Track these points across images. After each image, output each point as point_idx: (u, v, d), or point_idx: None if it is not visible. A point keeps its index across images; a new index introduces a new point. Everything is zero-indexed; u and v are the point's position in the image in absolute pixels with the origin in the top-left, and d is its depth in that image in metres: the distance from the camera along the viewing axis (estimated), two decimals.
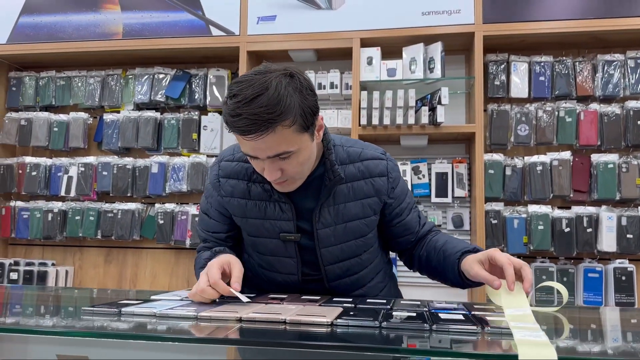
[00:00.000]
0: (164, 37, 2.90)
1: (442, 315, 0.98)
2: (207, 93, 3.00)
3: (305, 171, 1.23)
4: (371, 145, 1.39)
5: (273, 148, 1.11)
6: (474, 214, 2.62)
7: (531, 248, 2.61)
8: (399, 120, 2.58)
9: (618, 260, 2.57)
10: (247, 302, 1.10)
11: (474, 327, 0.87)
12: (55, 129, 3.13)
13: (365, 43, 2.71)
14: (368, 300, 1.17)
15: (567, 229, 2.59)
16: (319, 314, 0.94)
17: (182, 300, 1.16)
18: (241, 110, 1.06)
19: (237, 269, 1.16)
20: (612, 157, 2.60)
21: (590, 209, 2.61)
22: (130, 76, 3.12)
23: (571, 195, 2.63)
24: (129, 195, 3.04)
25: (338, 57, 2.87)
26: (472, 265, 1.17)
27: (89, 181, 3.06)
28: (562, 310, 1.21)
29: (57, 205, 3.08)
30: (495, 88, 2.73)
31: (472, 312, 1.03)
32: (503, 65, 2.74)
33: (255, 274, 1.42)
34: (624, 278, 2.55)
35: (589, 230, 2.59)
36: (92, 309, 1.03)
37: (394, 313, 1.00)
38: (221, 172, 1.34)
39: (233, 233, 1.39)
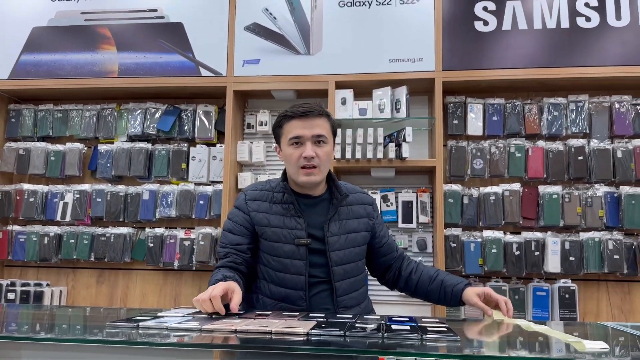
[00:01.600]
0: (157, 77, 3.18)
1: (394, 326, 1.27)
2: (196, 127, 3.28)
3: (325, 168, 1.71)
4: None
5: (318, 129, 1.66)
6: (436, 238, 2.94)
7: (486, 269, 2.93)
8: (370, 154, 2.90)
9: (562, 280, 2.91)
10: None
11: (417, 335, 1.17)
12: (52, 158, 3.36)
13: (340, 85, 3.03)
14: (338, 316, 1.46)
15: (518, 252, 2.93)
16: (297, 326, 1.23)
17: (184, 316, 1.43)
18: (301, 105, 1.69)
19: (237, 296, 1.45)
20: (557, 189, 2.96)
21: (538, 234, 2.95)
22: (124, 110, 3.38)
23: (521, 222, 2.97)
24: (121, 220, 3.28)
25: (315, 95, 3.19)
26: (472, 296, 1.68)
27: (84, 207, 3.29)
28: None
29: (53, 230, 3.30)
30: (454, 126, 3.08)
31: (418, 324, 1.33)
32: (461, 106, 3.09)
33: (269, 279, 1.73)
34: (567, 296, 2.89)
35: (537, 253, 2.92)
36: (115, 323, 1.30)
37: (356, 325, 1.29)
38: (248, 196, 1.77)
39: (252, 246, 1.74)
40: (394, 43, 3.02)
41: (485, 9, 2.99)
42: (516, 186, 2.99)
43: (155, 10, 3.24)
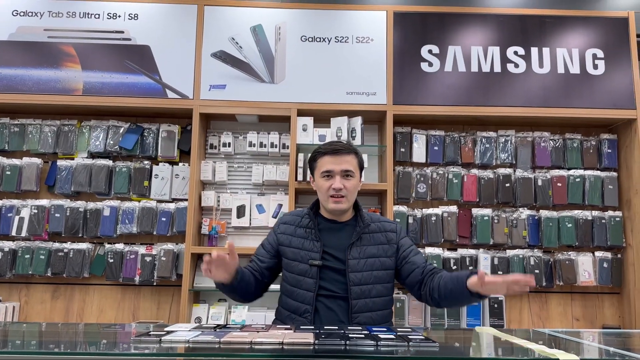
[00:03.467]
0: (123, 96, 3.27)
1: (382, 335, 1.54)
2: (159, 145, 3.40)
3: (352, 198, 1.99)
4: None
5: (346, 164, 1.96)
6: None
7: None
8: None
9: None
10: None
11: (403, 342, 1.44)
12: (8, 172, 3.34)
13: (301, 113, 3.29)
14: (326, 328, 1.71)
15: (455, 267, 3.31)
16: (302, 338, 1.46)
17: (191, 331, 1.61)
18: (333, 143, 2.04)
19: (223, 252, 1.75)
20: (487, 211, 3.38)
21: (472, 251, 3.35)
22: (85, 127, 3.43)
23: (457, 240, 3.37)
24: (80, 235, 3.32)
25: (277, 121, 3.43)
26: (472, 283, 1.74)
27: (42, 222, 3.30)
28: (457, 332, 1.82)
29: (7, 244, 3.28)
30: (401, 154, 3.43)
31: (398, 333, 1.60)
32: (407, 136, 3.45)
33: (285, 292, 2.04)
34: (496, 306, 3.30)
35: (471, 267, 3.33)
36: (139, 338, 1.47)
37: (349, 335, 1.55)
38: (281, 220, 2.12)
39: (269, 265, 2.03)
40: (351, 77, 3.33)
41: (430, 51, 3.38)
42: (453, 208, 3.38)
43: (122, 32, 3.34)
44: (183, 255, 3.22)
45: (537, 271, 3.32)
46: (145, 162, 3.41)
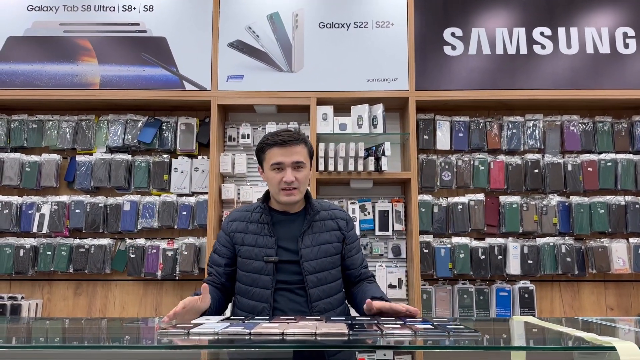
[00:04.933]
0: (141, 89, 3.23)
1: (419, 325, 1.46)
2: (177, 138, 3.35)
3: (303, 189, 1.88)
4: None
5: (297, 156, 1.82)
6: (410, 245, 3.17)
7: (455, 272, 3.20)
8: (351, 167, 3.10)
9: (522, 281, 3.22)
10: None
11: (442, 332, 1.36)
12: (28, 169, 3.32)
13: (321, 102, 3.22)
14: (358, 318, 1.63)
15: (483, 256, 3.21)
16: (336, 328, 1.39)
17: (219, 322, 1.55)
18: (281, 133, 1.85)
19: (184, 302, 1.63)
20: (516, 199, 3.27)
21: (500, 240, 3.25)
22: (103, 121, 3.40)
23: (485, 229, 3.26)
24: (100, 231, 3.29)
25: (296, 111, 3.35)
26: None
27: (62, 218, 3.28)
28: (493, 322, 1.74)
29: (28, 242, 3.26)
30: (424, 141, 3.33)
31: (435, 323, 1.52)
32: (430, 123, 3.36)
33: (239, 293, 1.92)
34: (526, 296, 3.20)
35: (499, 257, 3.22)
36: (167, 331, 1.40)
37: (384, 325, 1.47)
38: (230, 217, 1.96)
39: (229, 270, 1.92)
40: (371, 63, 3.24)
41: (453, 34, 3.27)
42: (480, 196, 3.28)
43: (138, 24, 3.29)
44: (205, 249, 3.17)
45: (568, 259, 3.21)
46: (164, 155, 3.36)
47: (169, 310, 3.19)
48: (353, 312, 2.03)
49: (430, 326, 1.45)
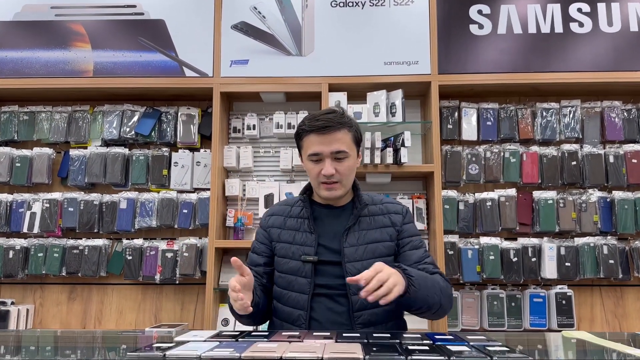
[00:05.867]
0: (137, 77, 2.96)
1: (452, 348, 1.15)
2: (178, 130, 3.08)
3: (348, 182, 1.63)
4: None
5: (337, 144, 1.57)
6: (433, 246, 2.85)
7: (484, 276, 2.87)
8: (367, 159, 2.79)
9: (559, 286, 2.88)
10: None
11: (487, 357, 1.05)
12: (18, 164, 3.08)
13: (333, 88, 2.92)
14: (375, 335, 1.33)
15: (515, 259, 2.88)
16: (348, 352, 1.09)
17: (207, 341, 1.26)
18: (319, 117, 1.59)
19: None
20: (551, 194, 2.93)
21: (534, 240, 2.91)
22: (98, 112, 3.14)
23: (517, 228, 2.93)
24: (95, 231, 3.04)
25: (306, 99, 3.06)
26: None
27: (54, 217, 3.03)
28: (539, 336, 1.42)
29: (19, 242, 3.02)
30: (448, 131, 3.01)
31: (471, 343, 1.21)
32: (455, 111, 3.04)
33: (276, 298, 1.69)
34: (564, 302, 2.86)
35: (534, 259, 2.89)
36: (137, 354, 1.12)
37: (409, 347, 1.16)
38: (268, 212, 1.78)
39: (269, 269, 1.71)
40: (389, 45, 2.93)
41: (480, 12, 2.95)
42: (512, 191, 2.95)
43: (134, 7, 3.03)
44: (207, 250, 2.89)
45: (611, 261, 2.86)
46: (164, 149, 3.10)
47: (169, 316, 2.92)
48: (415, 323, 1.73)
49: (466, 348, 1.15)
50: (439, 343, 1.22)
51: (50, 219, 3.03)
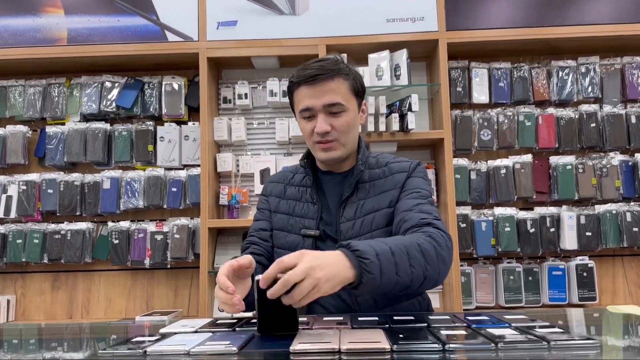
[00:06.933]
0: (115, 43, 2.70)
1: (493, 331, 0.93)
2: (163, 102, 2.83)
3: (348, 141, 1.38)
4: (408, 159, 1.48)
5: (330, 95, 1.32)
6: (445, 219, 2.63)
7: (499, 250, 2.66)
8: (370, 127, 2.55)
9: (579, 258, 2.68)
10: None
11: (542, 343, 0.84)
12: None
13: (331, 50, 2.66)
14: (397, 319, 1.11)
15: (532, 230, 2.67)
16: (370, 340, 0.87)
17: (197, 332, 1.04)
18: (309, 65, 1.34)
19: (244, 259, 1.14)
20: (569, 159, 2.71)
21: (552, 209, 2.70)
22: (75, 85, 2.88)
23: (534, 196, 2.72)
24: (77, 214, 2.80)
25: (302, 62, 2.78)
26: None
27: (32, 200, 2.79)
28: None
29: None
30: (457, 94, 2.78)
31: (513, 324, 1.00)
32: (464, 72, 2.79)
33: None
34: (585, 274, 2.66)
35: (552, 229, 2.68)
36: (111, 352, 0.89)
37: (441, 332, 0.95)
38: (270, 179, 1.59)
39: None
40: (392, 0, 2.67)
41: None
42: (527, 158, 2.73)
43: None
44: (199, 230, 2.66)
45: (635, 229, 2.65)
46: (148, 122, 2.85)
47: (162, 302, 2.69)
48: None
49: (515, 332, 0.93)
50: (477, 326, 1.00)
51: (28, 202, 2.79)
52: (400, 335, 0.92)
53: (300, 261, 0.94)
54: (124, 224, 2.78)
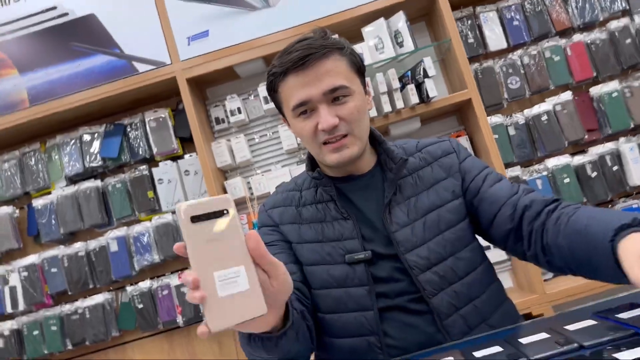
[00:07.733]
0: (82, 90, 2.39)
1: None
2: (151, 140, 2.52)
3: (361, 131, 1.09)
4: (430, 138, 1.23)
5: (329, 79, 1.03)
6: None
7: None
8: (386, 107, 2.23)
9: None
10: None
11: None
12: None
13: None
14: (522, 343, 0.79)
15: (594, 174, 2.34)
16: None
17: None
18: (292, 47, 1.05)
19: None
20: (613, 85, 2.38)
21: (609, 145, 2.36)
22: (51, 147, 2.58)
23: (585, 137, 2.38)
24: (91, 287, 2.49)
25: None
26: (632, 262, 0.74)
27: (38, 285, 2.49)
28: None
29: (6, 326, 2.48)
30: (470, 47, 2.45)
31: None
32: (471, 21, 2.47)
33: (321, 330, 1.11)
34: None
35: (615, 168, 2.34)
36: None
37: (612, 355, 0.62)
38: (266, 206, 1.24)
39: (297, 268, 1.13)
40: None
41: None
42: (566, 96, 2.39)
43: (54, 8, 2.45)
44: None
45: None
46: (141, 167, 2.54)
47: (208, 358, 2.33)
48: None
49: None
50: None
51: (34, 288, 2.49)
52: None
53: None
54: (144, 285, 2.47)
